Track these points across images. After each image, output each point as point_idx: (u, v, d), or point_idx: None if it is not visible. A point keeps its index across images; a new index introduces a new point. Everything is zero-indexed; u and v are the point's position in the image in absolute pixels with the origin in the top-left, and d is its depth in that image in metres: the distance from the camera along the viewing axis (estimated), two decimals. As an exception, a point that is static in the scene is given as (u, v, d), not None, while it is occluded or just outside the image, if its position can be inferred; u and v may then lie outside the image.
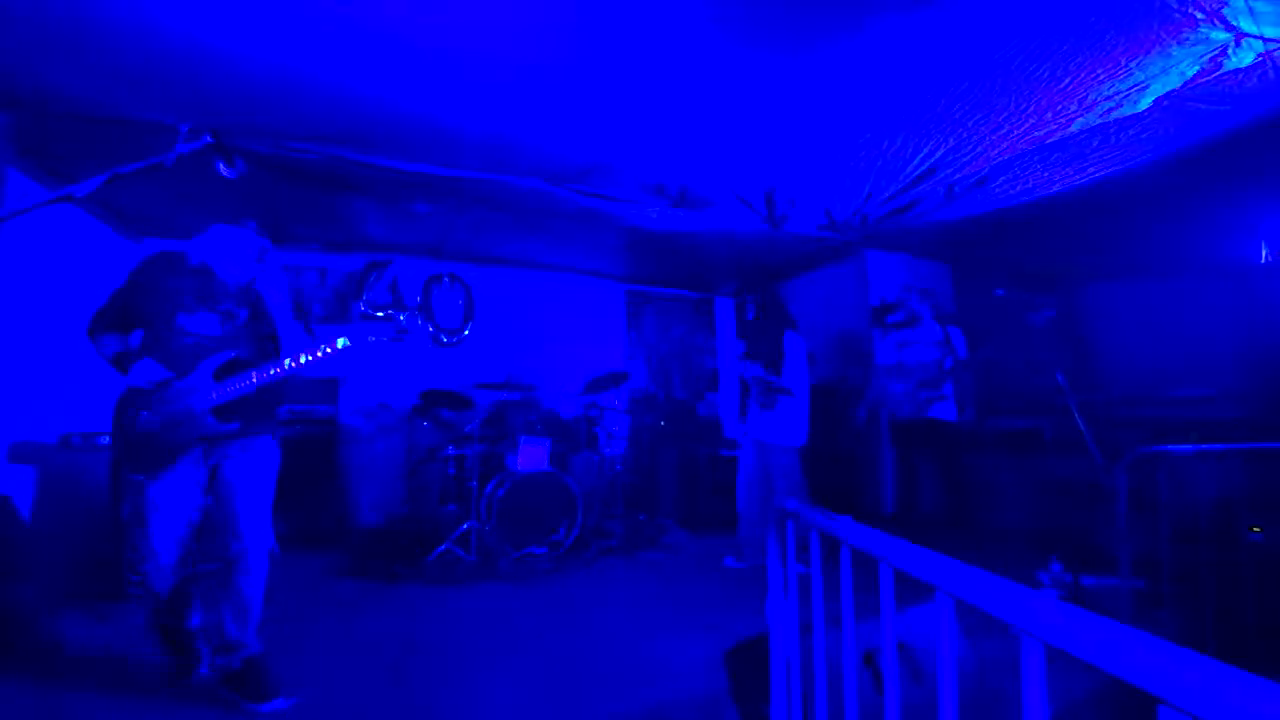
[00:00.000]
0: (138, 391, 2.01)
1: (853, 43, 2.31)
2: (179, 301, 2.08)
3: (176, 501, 2.01)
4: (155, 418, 2.00)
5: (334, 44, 2.24)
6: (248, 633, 2.06)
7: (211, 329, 2.11)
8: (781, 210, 3.98)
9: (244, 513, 2.08)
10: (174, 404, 2.01)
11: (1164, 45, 2.29)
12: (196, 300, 2.10)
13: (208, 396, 2.02)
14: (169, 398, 2.02)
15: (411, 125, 2.85)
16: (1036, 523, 3.69)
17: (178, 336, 2.06)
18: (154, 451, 2.00)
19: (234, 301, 2.17)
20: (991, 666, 1.54)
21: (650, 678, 2.18)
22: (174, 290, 2.08)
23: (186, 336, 2.07)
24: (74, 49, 2.24)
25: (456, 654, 2.41)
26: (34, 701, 1.98)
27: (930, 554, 0.80)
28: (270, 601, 2.16)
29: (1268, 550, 2.01)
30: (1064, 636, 0.57)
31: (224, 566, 2.07)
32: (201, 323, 2.10)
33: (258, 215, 2.23)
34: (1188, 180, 3.38)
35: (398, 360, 5.30)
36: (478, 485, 3.83)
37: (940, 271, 5.32)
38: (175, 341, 2.05)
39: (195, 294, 2.10)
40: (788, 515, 1.22)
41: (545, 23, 2.16)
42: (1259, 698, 0.40)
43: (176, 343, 2.05)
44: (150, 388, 2.00)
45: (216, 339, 2.11)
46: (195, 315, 2.09)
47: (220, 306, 2.14)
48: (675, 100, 2.69)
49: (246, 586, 2.08)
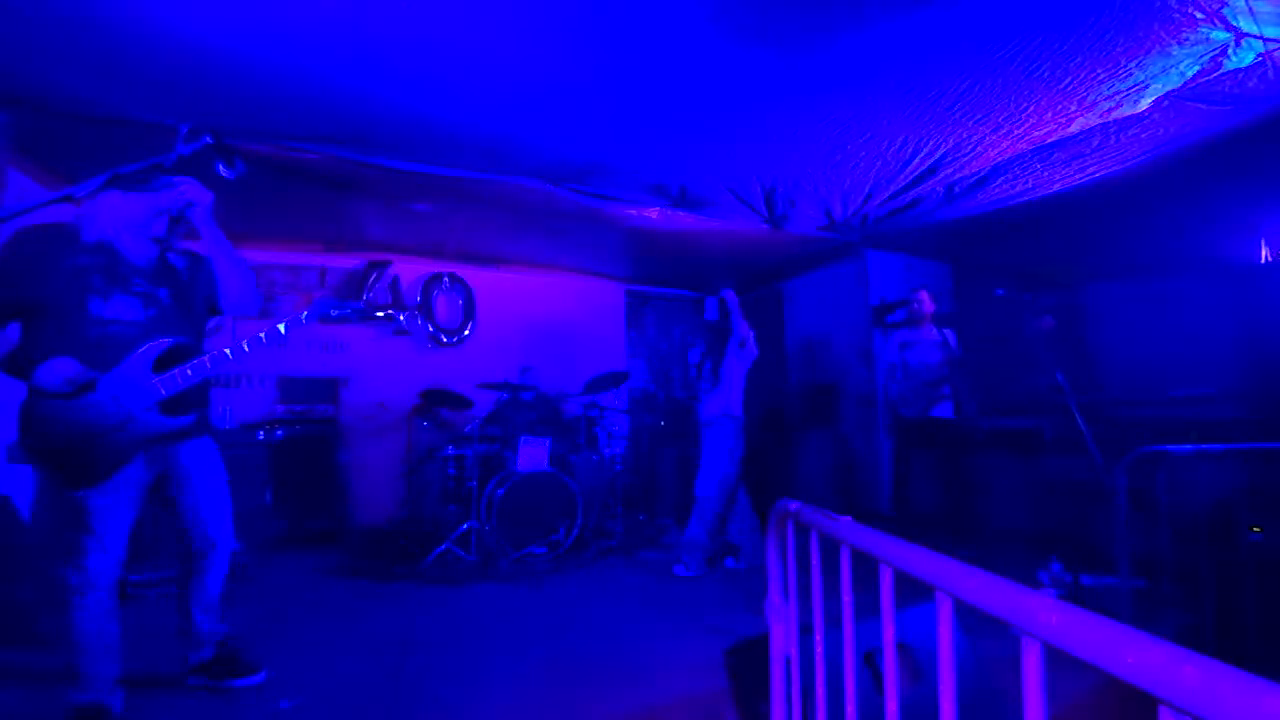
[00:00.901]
0: (51, 395, 1.68)
1: (853, 43, 2.31)
2: (86, 283, 1.76)
3: (122, 516, 1.81)
4: (84, 423, 1.71)
5: (334, 44, 2.24)
6: (216, 622, 2.09)
7: (134, 314, 1.83)
8: (781, 210, 3.98)
9: (209, 515, 2.02)
10: (107, 405, 1.74)
11: (1164, 45, 2.29)
12: (107, 282, 1.80)
13: (151, 391, 1.79)
14: (98, 399, 1.73)
15: (411, 125, 2.85)
16: (1036, 523, 3.69)
17: (93, 325, 1.75)
18: (91, 463, 1.73)
19: (148, 281, 1.88)
20: (991, 666, 1.54)
21: (650, 678, 2.18)
22: (73, 270, 1.76)
23: (105, 325, 1.77)
24: (74, 49, 2.24)
25: (456, 654, 2.41)
26: (34, 701, 1.98)
27: (930, 554, 0.80)
28: (271, 602, 2.16)
29: (1268, 550, 2.01)
30: (1064, 636, 0.57)
31: (191, 571, 2.04)
32: (120, 307, 1.81)
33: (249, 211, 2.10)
34: (1188, 180, 3.38)
35: (398, 360, 5.30)
36: (478, 485, 3.83)
37: (940, 271, 5.33)
38: (91, 331, 1.75)
39: (103, 274, 1.79)
40: (788, 515, 1.22)
41: (545, 23, 2.16)
42: (1259, 698, 0.40)
43: (93, 333, 1.75)
44: (69, 390, 1.68)
45: (142, 325, 1.83)
46: (110, 300, 1.79)
47: (134, 288, 1.85)
48: (675, 100, 2.69)
49: (214, 585, 2.08)
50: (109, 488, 1.79)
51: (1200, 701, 0.43)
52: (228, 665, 2.09)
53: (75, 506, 1.76)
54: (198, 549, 2.03)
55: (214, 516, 2.04)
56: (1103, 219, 3.96)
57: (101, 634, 1.78)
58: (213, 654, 2.08)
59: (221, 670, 2.07)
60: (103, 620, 1.78)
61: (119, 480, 1.80)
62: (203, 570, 2.04)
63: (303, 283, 5.10)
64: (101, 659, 1.79)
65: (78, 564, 1.76)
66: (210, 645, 2.08)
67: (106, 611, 1.80)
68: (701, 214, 4.03)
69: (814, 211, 4.03)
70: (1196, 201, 3.58)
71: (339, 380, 5.02)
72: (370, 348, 5.25)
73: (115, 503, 1.80)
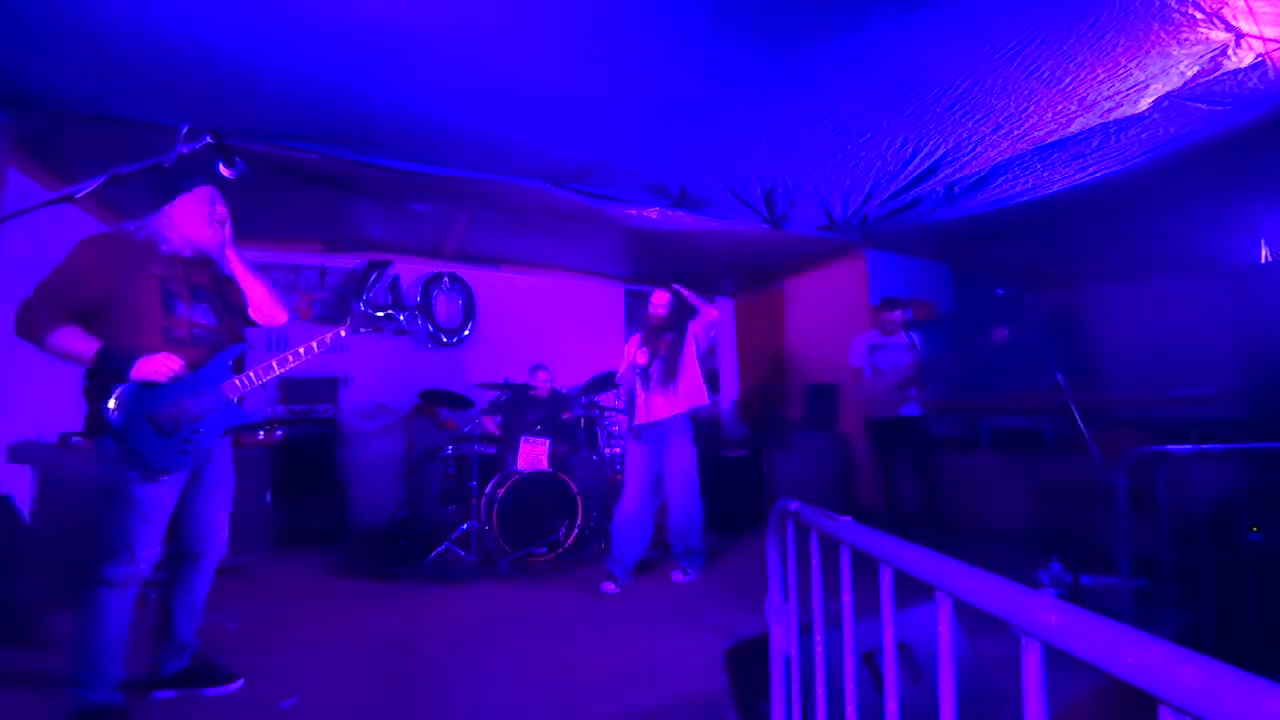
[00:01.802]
0: (148, 387, 1.80)
1: (853, 42, 2.31)
2: (169, 289, 1.90)
3: (169, 509, 1.89)
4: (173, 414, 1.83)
5: (334, 44, 2.24)
6: (193, 631, 2.07)
7: (208, 318, 1.99)
8: (781, 210, 3.98)
9: (217, 516, 2.04)
10: (197, 399, 1.87)
11: (1164, 45, 2.29)
12: (186, 288, 1.94)
13: (232, 389, 1.94)
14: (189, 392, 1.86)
15: (411, 125, 2.85)
16: (1036, 523, 3.70)
17: (179, 326, 1.90)
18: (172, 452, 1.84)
19: (209, 290, 2.02)
20: (991, 666, 1.54)
21: (650, 678, 2.18)
22: (155, 276, 1.87)
23: (193, 326, 1.93)
24: (74, 49, 2.24)
25: (456, 654, 2.41)
26: (35, 703, 1.98)
27: (930, 554, 0.80)
28: (271, 602, 2.16)
29: (1268, 550, 2.01)
30: (1064, 636, 0.57)
31: (181, 574, 2.02)
32: (199, 312, 1.96)
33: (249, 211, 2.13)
34: (1188, 180, 3.38)
35: (398, 360, 5.30)
36: (478, 485, 3.83)
37: (940, 271, 5.33)
38: (178, 331, 1.89)
39: (180, 281, 1.93)
40: (788, 515, 1.22)
41: (545, 22, 2.16)
42: (1259, 698, 0.40)
43: (182, 334, 1.90)
44: (167, 382, 1.81)
45: (215, 329, 1.99)
46: (195, 305, 1.95)
47: (202, 295, 1.99)
48: (675, 100, 2.69)
49: (201, 591, 2.07)
50: (177, 479, 1.87)
51: (1200, 701, 0.43)
52: (205, 674, 2.05)
53: (141, 496, 1.79)
54: (195, 551, 2.02)
55: (220, 519, 2.05)
56: (1103, 219, 3.96)
57: (122, 631, 1.80)
58: (188, 663, 2.05)
59: (197, 679, 2.04)
60: (126, 617, 1.81)
61: (182, 473, 1.88)
62: (193, 574, 2.03)
63: (303, 283, 5.10)
64: (117, 658, 1.80)
65: (128, 557, 1.76)
66: (187, 654, 2.06)
67: (130, 609, 1.82)
68: (701, 214, 4.02)
69: (814, 211, 4.03)
70: (1196, 201, 3.58)
71: (339, 380, 5.03)
72: (370, 348, 5.25)
73: (171, 496, 1.87)
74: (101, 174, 1.40)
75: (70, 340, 1.77)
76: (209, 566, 2.07)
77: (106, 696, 1.77)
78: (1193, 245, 3.73)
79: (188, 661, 2.06)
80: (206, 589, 2.08)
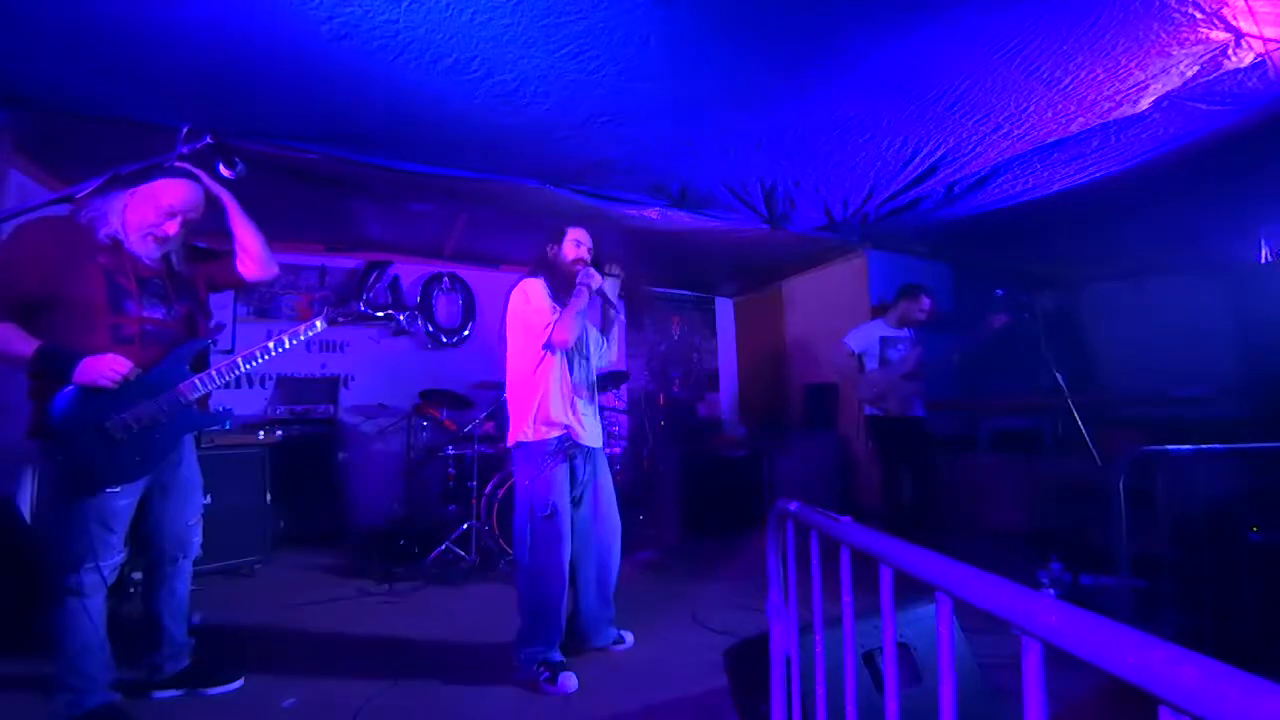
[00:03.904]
0: (95, 392, 1.66)
1: (852, 42, 2.31)
2: (115, 283, 1.74)
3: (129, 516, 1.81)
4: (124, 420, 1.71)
5: (334, 44, 2.24)
6: (185, 631, 2.07)
7: (160, 312, 1.84)
8: (781, 210, 3.98)
9: (189, 517, 2.01)
10: (150, 402, 1.75)
11: (1164, 45, 2.29)
12: (135, 281, 1.79)
13: (190, 389, 1.82)
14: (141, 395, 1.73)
15: (411, 125, 2.85)
16: (1036, 523, 3.70)
17: (130, 325, 1.76)
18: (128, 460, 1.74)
19: (163, 281, 1.87)
20: (991, 666, 1.54)
21: (650, 677, 2.18)
22: (101, 268, 1.73)
23: (143, 323, 1.78)
24: (74, 49, 2.24)
25: (456, 654, 2.41)
26: (36, 702, 1.98)
27: (930, 554, 0.80)
28: (271, 602, 2.16)
29: (1268, 550, 2.01)
30: (1064, 636, 0.56)
31: (160, 579, 2.00)
32: (151, 307, 1.82)
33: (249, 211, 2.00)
34: (1187, 180, 3.38)
35: (398, 360, 5.30)
36: (478, 485, 3.82)
37: (940, 271, 5.32)
38: (128, 330, 1.76)
39: (128, 274, 1.78)
40: (788, 515, 1.22)
41: (545, 22, 2.15)
42: (1259, 698, 0.40)
43: (132, 331, 1.76)
44: (114, 386, 1.67)
45: (168, 324, 1.85)
46: (145, 300, 1.80)
47: (153, 286, 1.84)
48: (675, 100, 2.69)
49: (183, 592, 2.07)
50: (135, 487, 1.79)
51: (1200, 701, 0.43)
52: (206, 674, 2.06)
53: (97, 506, 1.71)
54: (170, 557, 1.99)
55: (192, 520, 2.03)
56: (1103, 219, 3.96)
57: (99, 634, 1.78)
58: (189, 663, 2.06)
59: (198, 679, 2.04)
60: (100, 619, 1.78)
61: (142, 480, 1.81)
62: (173, 577, 2.02)
63: (303, 283, 5.10)
64: (102, 660, 1.79)
65: (95, 565, 1.73)
66: (187, 654, 2.06)
67: (102, 610, 1.79)
68: (701, 214, 4.02)
69: (814, 211, 4.03)
70: (1196, 201, 3.58)
71: (339, 380, 5.02)
72: (370, 348, 5.24)
73: (129, 504, 1.80)
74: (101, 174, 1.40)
75: (5, 339, 1.61)
76: (186, 568, 2.06)
77: (102, 698, 1.77)
78: (1193, 245, 3.73)
79: (188, 662, 2.06)
80: (188, 587, 2.08)
